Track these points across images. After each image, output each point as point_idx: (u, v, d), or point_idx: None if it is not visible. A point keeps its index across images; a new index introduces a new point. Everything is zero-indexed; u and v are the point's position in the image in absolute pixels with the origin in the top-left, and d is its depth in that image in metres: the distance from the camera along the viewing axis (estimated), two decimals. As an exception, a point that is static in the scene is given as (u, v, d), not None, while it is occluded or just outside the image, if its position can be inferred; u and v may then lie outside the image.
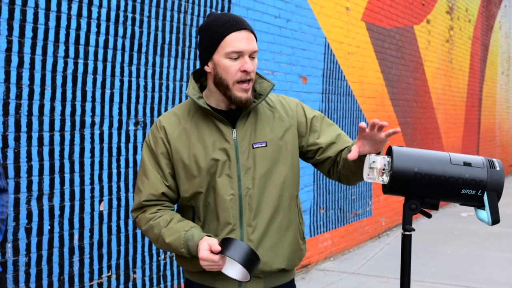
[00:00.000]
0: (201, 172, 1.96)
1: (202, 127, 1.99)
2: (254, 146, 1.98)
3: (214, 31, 1.94)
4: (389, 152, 1.76)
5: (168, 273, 4.12)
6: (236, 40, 1.91)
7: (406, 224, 1.74)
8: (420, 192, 1.72)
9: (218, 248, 1.79)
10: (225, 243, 1.80)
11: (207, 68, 1.98)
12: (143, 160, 2.03)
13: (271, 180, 1.99)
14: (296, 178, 2.08)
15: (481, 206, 1.74)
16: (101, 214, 3.62)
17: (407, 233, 1.75)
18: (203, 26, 1.99)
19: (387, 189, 1.75)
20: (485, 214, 1.72)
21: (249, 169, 1.97)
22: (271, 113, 2.05)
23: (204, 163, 1.96)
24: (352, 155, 1.85)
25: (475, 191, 1.70)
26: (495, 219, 1.70)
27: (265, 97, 2.00)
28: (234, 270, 1.85)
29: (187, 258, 1.99)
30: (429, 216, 1.81)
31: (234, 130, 1.98)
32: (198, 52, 2.05)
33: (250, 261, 1.78)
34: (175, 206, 2.11)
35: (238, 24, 1.93)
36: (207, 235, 1.88)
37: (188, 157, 1.97)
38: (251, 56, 1.94)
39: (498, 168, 1.72)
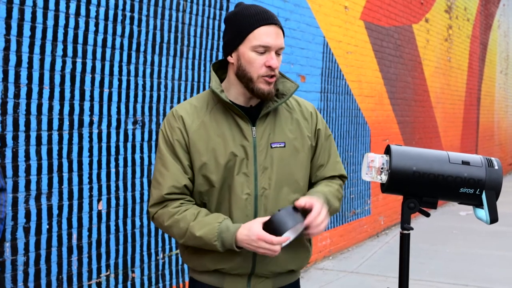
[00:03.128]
0: (219, 167, 1.91)
1: (222, 121, 1.95)
2: (273, 146, 1.95)
3: (242, 22, 1.91)
4: (388, 151, 1.76)
5: (167, 272, 4.12)
6: (264, 35, 1.88)
7: (405, 223, 1.74)
8: (418, 191, 1.72)
9: (279, 239, 1.76)
10: (273, 226, 1.76)
11: (230, 59, 1.94)
12: (161, 151, 1.94)
13: (288, 181, 1.97)
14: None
15: (479, 205, 1.74)
16: (99, 213, 3.61)
17: (405, 232, 1.75)
18: (231, 15, 1.95)
19: (385, 188, 1.75)
20: (483, 213, 1.72)
21: (266, 169, 1.94)
22: (290, 114, 2.03)
23: (223, 158, 1.91)
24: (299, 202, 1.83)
25: (474, 190, 1.70)
26: (494, 218, 1.70)
27: (288, 97, 1.97)
28: (291, 232, 1.82)
29: (195, 257, 1.96)
30: (427, 215, 1.81)
31: (254, 128, 1.95)
32: (222, 41, 2.04)
33: (297, 214, 1.78)
34: None
35: (269, 19, 1.91)
36: (243, 224, 1.84)
37: (206, 151, 1.92)
38: (277, 53, 1.92)
39: (496, 167, 1.72)
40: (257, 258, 1.93)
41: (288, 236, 1.78)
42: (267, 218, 1.79)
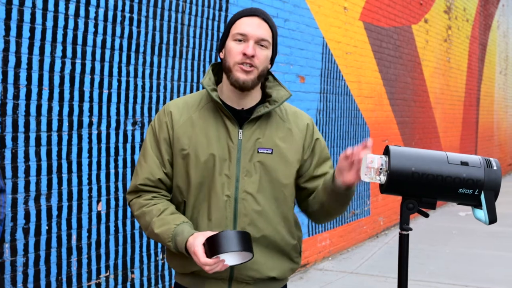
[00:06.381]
0: (198, 164, 1.92)
1: (209, 120, 1.96)
2: (260, 151, 1.94)
3: (231, 18, 1.98)
4: (387, 152, 1.76)
5: (166, 273, 4.12)
6: (244, 24, 1.92)
7: (404, 224, 1.74)
8: (417, 191, 1.72)
9: (206, 260, 1.74)
10: (212, 243, 1.74)
11: (221, 54, 1.97)
12: (145, 143, 2.00)
13: (271, 188, 1.95)
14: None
15: (478, 205, 1.74)
16: (99, 214, 3.61)
17: (404, 232, 1.75)
18: None
19: (384, 188, 1.75)
20: (482, 213, 1.72)
21: (249, 173, 1.93)
22: (283, 123, 2.01)
23: (204, 156, 1.92)
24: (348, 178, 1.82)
25: (472, 191, 1.70)
26: (492, 219, 1.71)
27: (279, 104, 1.96)
28: (235, 257, 1.81)
29: (177, 258, 1.96)
30: (426, 215, 1.81)
31: (241, 130, 1.94)
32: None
33: (246, 242, 1.75)
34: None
35: (253, 11, 1.95)
36: (196, 232, 1.83)
37: (189, 147, 1.93)
38: (260, 44, 1.92)
39: (495, 167, 1.72)
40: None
41: (218, 259, 1.75)
42: (214, 232, 1.77)
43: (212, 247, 1.74)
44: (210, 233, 1.78)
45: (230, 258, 1.80)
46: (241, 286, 1.95)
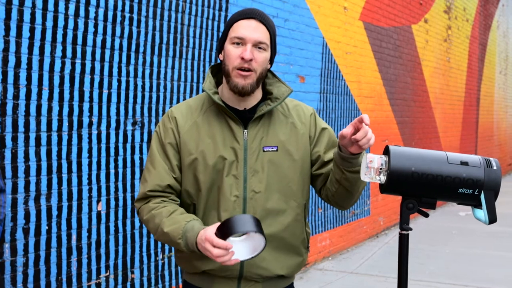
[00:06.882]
0: (207, 168, 1.92)
1: (214, 123, 1.96)
2: (265, 150, 1.95)
3: (229, 21, 1.98)
4: (386, 152, 1.76)
5: (166, 273, 4.12)
6: (241, 27, 1.92)
7: (403, 224, 1.74)
8: (417, 191, 1.72)
9: (220, 242, 1.68)
10: (224, 227, 1.69)
11: (220, 56, 1.98)
12: (152, 149, 1.99)
13: (279, 185, 1.96)
14: (306, 186, 2.03)
15: (478, 205, 1.74)
16: (99, 214, 3.61)
17: (404, 232, 1.75)
18: None
19: (384, 188, 1.75)
20: (482, 213, 1.72)
21: (257, 172, 1.93)
22: (285, 118, 2.02)
23: (212, 159, 1.92)
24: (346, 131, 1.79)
25: (472, 190, 1.70)
26: (492, 218, 1.71)
27: (281, 101, 1.97)
28: (246, 249, 1.75)
29: (186, 258, 1.97)
30: (426, 215, 1.81)
31: (246, 130, 1.95)
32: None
33: (257, 224, 1.70)
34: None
35: (250, 13, 1.94)
36: (207, 227, 1.80)
37: (196, 152, 1.94)
38: (258, 47, 1.92)
39: (495, 167, 1.72)
40: (246, 261, 1.90)
41: (230, 245, 1.68)
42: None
43: (225, 230, 1.69)
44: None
45: (242, 250, 1.75)
46: (250, 284, 1.96)
